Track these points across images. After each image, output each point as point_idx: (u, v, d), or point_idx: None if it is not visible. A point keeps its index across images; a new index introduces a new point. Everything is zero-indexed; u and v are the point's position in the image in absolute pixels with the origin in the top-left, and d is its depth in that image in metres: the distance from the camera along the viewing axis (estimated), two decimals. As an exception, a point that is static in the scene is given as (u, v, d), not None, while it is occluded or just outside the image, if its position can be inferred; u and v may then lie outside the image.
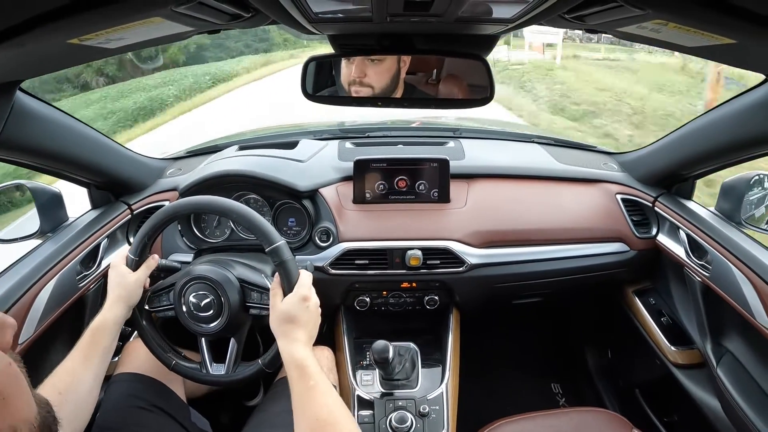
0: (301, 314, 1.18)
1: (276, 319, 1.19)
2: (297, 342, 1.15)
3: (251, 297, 1.34)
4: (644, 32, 0.94)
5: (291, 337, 1.16)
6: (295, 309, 1.18)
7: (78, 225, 1.66)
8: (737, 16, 0.73)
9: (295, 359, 1.12)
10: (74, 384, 1.13)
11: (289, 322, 1.17)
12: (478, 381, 2.26)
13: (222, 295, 1.30)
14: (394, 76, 1.38)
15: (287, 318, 1.17)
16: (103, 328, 1.23)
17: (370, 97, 1.43)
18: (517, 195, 1.94)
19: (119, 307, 1.26)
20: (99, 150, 1.66)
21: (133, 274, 1.30)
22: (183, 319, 1.34)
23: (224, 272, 1.33)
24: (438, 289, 1.83)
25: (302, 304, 1.19)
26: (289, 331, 1.16)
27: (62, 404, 1.08)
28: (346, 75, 1.40)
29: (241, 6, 0.94)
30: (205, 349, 1.38)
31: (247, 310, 1.34)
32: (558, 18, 1.01)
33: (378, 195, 1.86)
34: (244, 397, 2.01)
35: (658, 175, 1.89)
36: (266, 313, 1.31)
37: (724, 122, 1.47)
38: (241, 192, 1.83)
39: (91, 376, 1.17)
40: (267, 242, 1.24)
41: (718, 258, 1.54)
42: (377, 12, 0.98)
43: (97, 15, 0.75)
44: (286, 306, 1.18)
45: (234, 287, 1.32)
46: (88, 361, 1.18)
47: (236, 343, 1.36)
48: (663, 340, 1.81)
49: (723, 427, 1.56)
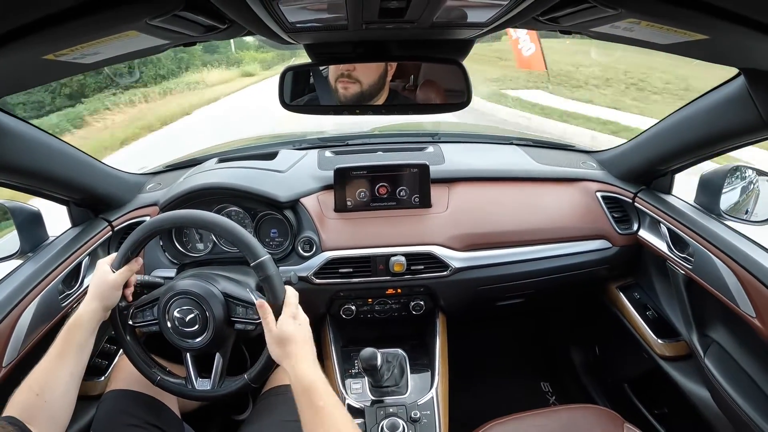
0: (296, 332, 1.18)
1: (274, 343, 1.18)
2: (302, 361, 1.14)
3: (236, 312, 1.33)
4: (618, 31, 0.95)
5: (294, 357, 1.15)
6: (289, 329, 1.18)
7: (58, 243, 1.64)
8: (708, 12, 0.74)
9: (302, 382, 1.11)
10: (50, 383, 1.11)
11: (288, 343, 1.17)
12: (468, 384, 2.27)
13: (207, 310, 1.29)
14: (382, 75, 1.37)
15: (284, 339, 1.17)
16: (78, 325, 1.20)
17: (348, 104, 1.42)
18: (497, 197, 1.94)
19: (95, 304, 1.23)
20: (77, 166, 1.63)
21: (113, 274, 1.27)
22: (168, 335, 1.33)
23: (208, 287, 1.32)
24: (423, 294, 1.83)
25: (294, 322, 1.19)
26: (291, 352, 1.16)
27: (39, 405, 1.07)
28: (334, 69, 1.40)
29: (217, 18, 0.93)
30: (190, 364, 1.37)
31: (232, 325, 1.33)
32: (532, 20, 1.01)
33: (359, 203, 1.85)
34: (234, 411, 1.99)
35: (636, 172, 1.91)
36: (251, 328, 1.30)
37: (700, 117, 1.49)
38: (222, 204, 1.82)
39: (66, 374, 1.14)
40: (251, 256, 1.24)
41: (699, 250, 1.56)
42: (353, 20, 0.98)
43: (71, 29, 0.74)
44: (279, 329, 1.18)
45: (218, 302, 1.31)
46: (63, 359, 1.15)
47: (221, 358, 1.35)
48: (649, 333, 1.82)
49: (713, 415, 1.57)
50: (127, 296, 1.34)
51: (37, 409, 1.07)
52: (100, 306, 1.24)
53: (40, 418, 1.06)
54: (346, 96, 1.41)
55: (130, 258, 1.31)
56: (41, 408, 1.07)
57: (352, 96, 1.40)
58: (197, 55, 19.40)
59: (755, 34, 0.78)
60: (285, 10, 0.85)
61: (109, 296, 1.26)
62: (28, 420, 1.03)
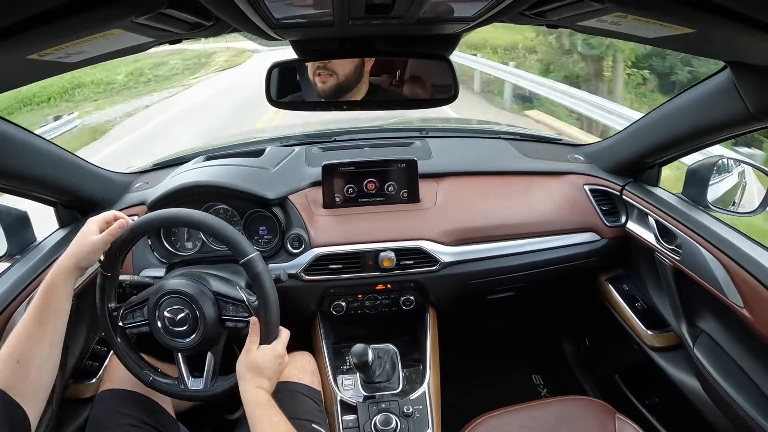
0: (272, 368, 1.21)
1: (247, 363, 1.21)
2: (260, 390, 1.18)
3: (227, 310, 1.33)
4: (604, 26, 0.95)
5: (255, 384, 1.18)
6: (269, 363, 1.21)
7: (46, 245, 1.62)
8: (694, 5, 0.74)
9: (258, 401, 1.15)
10: (31, 350, 1.08)
11: (259, 372, 1.19)
12: (460, 378, 2.27)
13: (197, 309, 1.29)
14: (358, 65, 1.36)
15: (258, 368, 1.20)
16: (53, 287, 1.15)
17: (333, 100, 1.42)
18: (486, 191, 1.95)
19: (69, 261, 1.18)
20: (63, 167, 1.62)
21: (95, 235, 1.22)
22: (158, 335, 1.33)
23: (198, 286, 1.32)
24: (413, 289, 1.83)
25: (276, 360, 1.22)
26: (255, 378, 1.19)
27: (22, 375, 1.05)
28: (312, 64, 1.39)
29: (203, 15, 0.92)
30: (182, 364, 1.36)
31: (223, 324, 1.33)
32: (519, 15, 1.01)
33: (348, 198, 1.85)
34: (225, 410, 1.98)
35: (624, 164, 1.91)
36: (242, 325, 1.31)
37: (687, 109, 1.50)
38: (210, 203, 1.81)
39: (47, 342, 1.11)
40: (239, 254, 1.24)
41: (687, 241, 1.57)
42: (339, 16, 0.97)
43: (55, 29, 0.73)
44: (261, 356, 1.21)
45: (209, 300, 1.31)
46: (41, 326, 1.11)
47: (213, 357, 1.35)
48: (639, 324, 1.83)
49: (703, 405, 1.59)
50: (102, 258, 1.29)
51: (19, 380, 1.04)
52: (74, 265, 1.18)
53: (23, 388, 1.03)
54: (325, 90, 1.40)
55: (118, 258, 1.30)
56: (23, 378, 1.05)
57: (330, 88, 1.40)
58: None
59: (741, 27, 0.78)
60: (271, 6, 0.85)
61: (86, 257, 1.20)
62: (11, 390, 1.01)
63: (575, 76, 11.07)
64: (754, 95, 1.19)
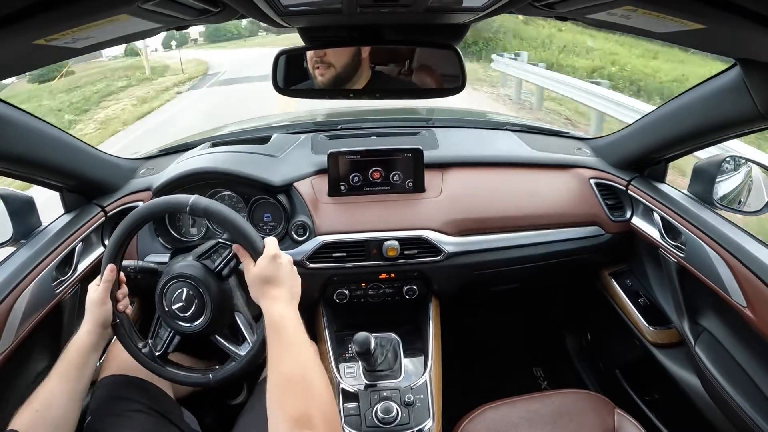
0: (276, 272, 1.17)
1: (252, 283, 1.18)
2: (277, 301, 1.13)
3: (214, 263, 1.31)
4: (614, 19, 0.94)
5: (270, 296, 1.14)
6: (269, 269, 1.16)
7: (52, 230, 1.62)
8: (705, 1, 0.74)
9: (273, 320, 1.10)
10: (51, 402, 1.13)
11: (266, 282, 1.16)
12: (461, 368, 2.28)
13: (193, 282, 1.28)
14: (354, 54, 1.36)
15: (263, 279, 1.16)
16: (75, 345, 1.22)
17: (339, 89, 1.42)
18: (491, 183, 1.94)
19: (87, 325, 1.25)
20: (69, 152, 1.62)
21: (94, 292, 1.27)
22: (170, 323, 1.32)
23: (183, 263, 1.32)
24: (416, 278, 1.83)
25: (274, 262, 1.17)
26: (267, 291, 1.15)
27: (40, 423, 1.09)
28: (310, 58, 1.39)
29: (210, 1, 0.92)
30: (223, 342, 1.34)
31: (222, 278, 1.32)
32: (528, 6, 1.00)
33: (353, 187, 1.85)
34: (228, 396, 1.99)
35: (630, 159, 1.91)
36: (234, 262, 1.30)
37: (695, 106, 1.49)
38: (215, 189, 1.82)
39: (67, 393, 1.16)
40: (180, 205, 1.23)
41: (692, 239, 1.56)
42: (347, 3, 0.97)
43: (61, 14, 0.73)
44: (258, 269, 1.16)
45: (198, 268, 1.30)
46: (62, 378, 1.17)
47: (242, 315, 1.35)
48: (641, 320, 1.84)
49: (703, 403, 1.59)
50: (121, 308, 1.32)
51: (38, 426, 1.08)
52: (93, 326, 1.25)
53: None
54: (324, 82, 1.41)
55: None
56: (42, 425, 1.09)
57: (329, 80, 1.41)
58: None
59: (752, 24, 0.77)
60: (279, -8, 0.84)
61: (99, 313, 1.25)
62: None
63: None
64: (763, 93, 1.19)
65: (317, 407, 0.95)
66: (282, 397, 0.98)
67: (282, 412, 0.95)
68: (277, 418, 0.94)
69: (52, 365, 1.20)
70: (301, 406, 0.95)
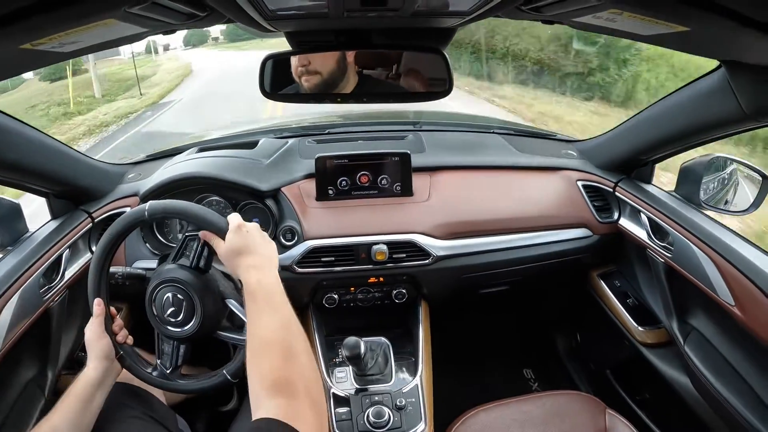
0: (244, 241, 1.16)
1: (226, 259, 1.17)
2: (251, 269, 1.12)
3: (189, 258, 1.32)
4: (600, 22, 0.95)
5: (244, 266, 1.13)
6: (236, 240, 1.15)
7: (39, 236, 1.61)
8: (690, 3, 0.74)
9: (249, 287, 1.08)
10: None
11: (237, 254, 1.15)
12: (452, 371, 2.28)
13: (177, 284, 1.27)
14: (339, 61, 1.36)
15: (234, 251, 1.15)
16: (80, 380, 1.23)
17: (327, 93, 1.41)
18: (479, 186, 1.94)
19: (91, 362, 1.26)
20: (56, 157, 1.60)
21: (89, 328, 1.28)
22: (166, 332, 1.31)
23: (164, 268, 1.32)
24: (405, 282, 1.83)
25: (240, 232, 1.16)
26: (241, 262, 1.14)
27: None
28: (295, 66, 1.39)
29: (197, 5, 0.92)
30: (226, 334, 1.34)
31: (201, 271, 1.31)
32: (515, 9, 1.01)
33: (341, 191, 1.85)
34: (218, 403, 1.98)
35: (617, 161, 1.92)
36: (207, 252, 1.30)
37: (681, 108, 1.50)
38: (202, 194, 1.81)
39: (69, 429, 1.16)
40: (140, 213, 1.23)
41: (679, 239, 1.57)
42: (334, 8, 0.97)
43: (48, 19, 0.72)
44: (227, 243, 1.16)
45: (177, 269, 1.29)
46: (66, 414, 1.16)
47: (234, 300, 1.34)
48: (630, 321, 1.84)
49: (693, 401, 1.60)
50: (120, 340, 1.32)
51: None
52: (96, 361, 1.25)
53: None
54: (312, 89, 1.40)
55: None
56: None
57: (317, 87, 1.40)
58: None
59: (736, 26, 0.78)
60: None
61: (99, 348, 1.26)
62: None
63: None
64: (748, 94, 1.20)
65: (298, 373, 0.92)
66: (259, 360, 0.94)
67: (259, 377, 0.91)
68: (255, 384, 0.90)
69: (40, 373, 1.19)
70: (280, 370, 0.91)
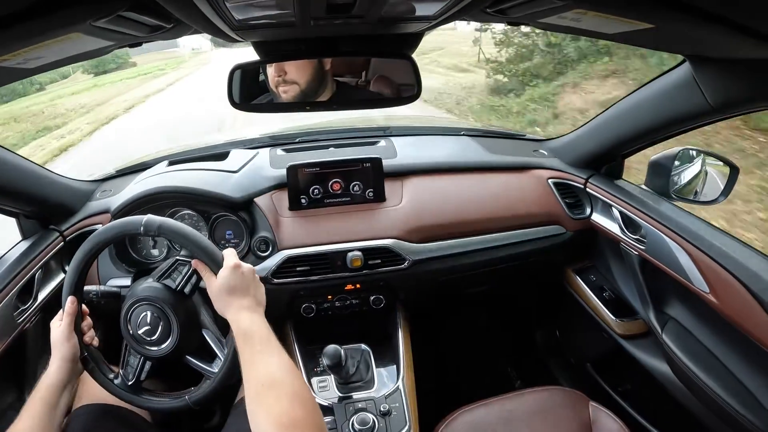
0: (238, 281, 1.15)
1: (217, 296, 1.16)
2: (243, 310, 1.12)
3: (175, 281, 1.29)
4: (565, 22, 0.95)
5: (235, 306, 1.13)
6: (231, 279, 1.15)
7: (9, 258, 1.57)
8: (654, 1, 0.75)
9: (241, 329, 1.08)
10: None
11: (230, 293, 1.14)
12: (434, 374, 2.28)
13: (157, 304, 1.26)
14: (316, 69, 1.36)
15: (226, 289, 1.14)
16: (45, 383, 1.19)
17: (298, 102, 1.41)
18: (451, 188, 1.95)
19: (55, 363, 1.22)
20: (23, 176, 1.57)
21: (58, 328, 1.24)
22: (137, 348, 1.29)
23: (144, 285, 1.30)
24: (382, 288, 1.83)
25: (235, 272, 1.15)
26: (232, 302, 1.13)
27: None
28: (272, 77, 1.38)
29: (162, 17, 0.91)
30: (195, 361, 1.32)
31: (185, 296, 1.30)
32: (480, 12, 1.01)
33: (313, 199, 1.84)
34: (202, 419, 1.96)
35: (587, 158, 1.94)
36: (195, 278, 1.28)
37: (648, 103, 1.53)
38: (174, 208, 1.79)
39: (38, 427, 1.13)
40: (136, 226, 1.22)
41: (651, 231, 1.59)
42: (300, 16, 0.97)
43: (11, 34, 0.71)
44: (221, 280, 1.15)
45: (159, 289, 1.28)
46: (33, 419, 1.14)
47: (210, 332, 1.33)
48: (607, 314, 1.86)
49: (674, 388, 1.62)
50: (88, 341, 1.29)
51: None
52: (61, 362, 1.22)
53: None
54: (289, 99, 1.40)
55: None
56: None
57: (295, 97, 1.39)
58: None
59: (699, 21, 0.79)
60: (231, 7, 0.84)
61: (66, 349, 1.23)
62: None
63: None
64: (713, 88, 1.22)
65: (301, 408, 0.94)
66: (266, 401, 0.95)
67: (265, 415, 0.92)
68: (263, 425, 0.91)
69: (18, 398, 1.17)
70: (284, 407, 0.93)
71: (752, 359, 1.39)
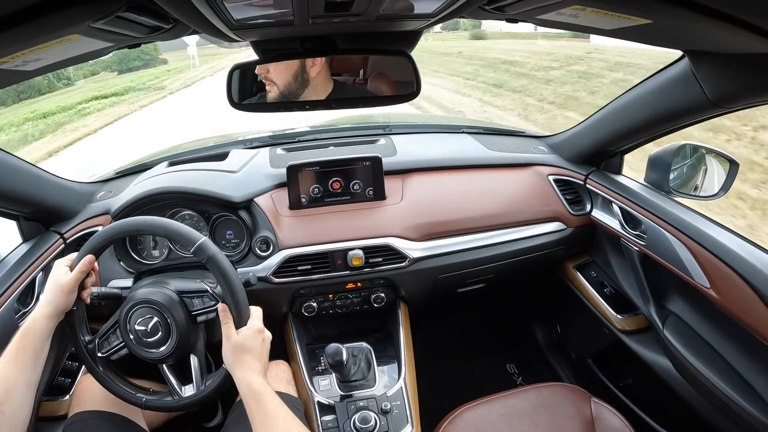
0: (257, 346, 1.18)
1: (231, 349, 1.17)
2: (254, 372, 1.14)
3: (193, 305, 1.32)
4: (563, 18, 0.95)
5: (246, 365, 1.15)
6: (252, 341, 1.17)
7: (10, 260, 1.58)
8: None
9: (252, 389, 1.11)
10: (8, 393, 1.06)
11: (246, 352, 1.16)
12: (435, 371, 2.28)
13: (166, 314, 1.27)
14: (297, 73, 1.36)
15: (243, 349, 1.16)
16: (32, 330, 1.16)
17: (298, 102, 1.40)
18: (451, 186, 1.95)
19: (49, 308, 1.19)
20: (23, 179, 1.57)
21: (66, 275, 1.23)
22: (135, 350, 1.30)
23: (162, 290, 1.31)
24: (383, 286, 1.83)
25: (258, 336, 1.19)
26: (245, 361, 1.15)
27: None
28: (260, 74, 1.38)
29: (161, 18, 0.91)
30: (169, 375, 1.34)
31: (194, 320, 1.32)
32: (478, 9, 1.01)
33: (314, 198, 1.84)
34: (203, 419, 1.96)
35: (586, 154, 1.94)
36: (213, 315, 1.29)
37: (647, 98, 1.53)
38: (175, 209, 1.79)
39: (23, 383, 1.10)
40: (189, 242, 1.23)
41: (651, 226, 1.60)
42: (298, 15, 0.96)
43: (10, 36, 0.71)
44: (242, 337, 1.17)
45: (175, 303, 1.29)
46: (19, 367, 1.11)
47: (197, 358, 1.34)
48: (608, 309, 1.87)
49: (676, 383, 1.62)
50: (84, 296, 1.29)
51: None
52: (53, 310, 1.20)
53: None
54: (272, 99, 1.40)
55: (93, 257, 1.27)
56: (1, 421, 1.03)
57: (276, 96, 1.39)
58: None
59: (697, 16, 0.79)
60: (230, 7, 0.84)
61: (63, 300, 1.21)
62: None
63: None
64: (712, 82, 1.22)
65: None
66: None
67: None
68: None
69: None
70: None
71: (753, 353, 1.39)
